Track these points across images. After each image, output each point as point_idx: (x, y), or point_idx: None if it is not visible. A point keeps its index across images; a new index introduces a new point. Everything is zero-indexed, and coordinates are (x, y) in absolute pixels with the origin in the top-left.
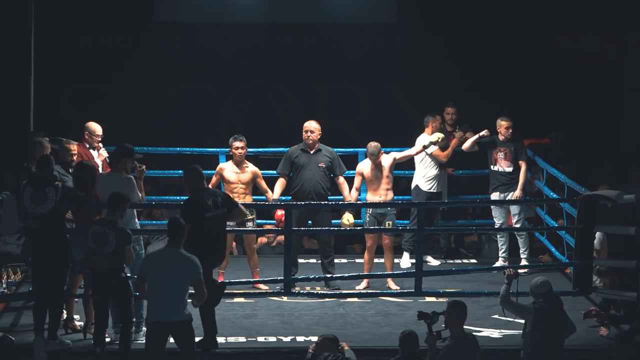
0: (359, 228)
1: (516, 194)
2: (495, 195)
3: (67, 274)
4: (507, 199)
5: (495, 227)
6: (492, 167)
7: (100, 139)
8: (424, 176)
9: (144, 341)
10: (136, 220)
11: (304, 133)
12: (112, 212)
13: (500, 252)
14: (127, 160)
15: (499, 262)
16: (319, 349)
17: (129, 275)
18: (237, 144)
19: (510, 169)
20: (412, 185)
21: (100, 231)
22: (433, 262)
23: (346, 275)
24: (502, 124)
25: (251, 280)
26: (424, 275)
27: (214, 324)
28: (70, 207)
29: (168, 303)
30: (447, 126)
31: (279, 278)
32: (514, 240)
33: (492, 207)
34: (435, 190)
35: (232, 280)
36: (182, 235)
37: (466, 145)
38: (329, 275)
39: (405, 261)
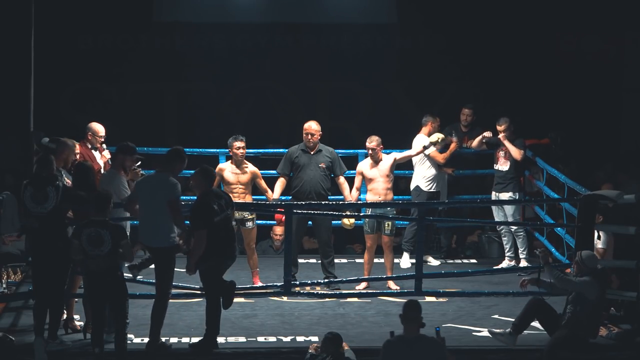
0: (361, 224)
1: (486, 134)
2: (492, 195)
3: (67, 274)
4: (500, 199)
5: (498, 222)
6: (494, 165)
7: (103, 140)
8: (424, 177)
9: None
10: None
11: (304, 135)
12: (100, 211)
13: (506, 252)
14: (125, 158)
15: (505, 262)
16: (322, 349)
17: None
18: (238, 144)
19: (505, 168)
20: (412, 186)
21: (94, 233)
22: (433, 262)
23: (344, 279)
24: (498, 128)
25: (254, 286)
26: (425, 277)
27: (217, 325)
28: (71, 206)
29: (149, 228)
30: (462, 127)
31: (278, 284)
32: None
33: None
34: (435, 190)
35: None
36: (177, 164)
37: (474, 144)
38: (326, 281)
39: (405, 261)
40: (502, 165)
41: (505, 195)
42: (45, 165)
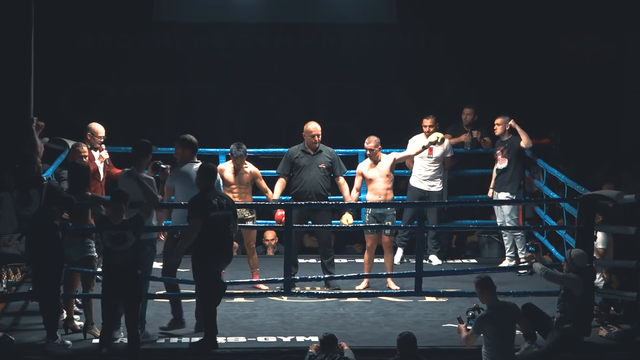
0: (360, 224)
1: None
2: (489, 192)
3: (60, 273)
4: (498, 198)
5: (497, 226)
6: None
7: (102, 140)
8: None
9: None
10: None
11: (310, 137)
12: (118, 213)
13: (506, 252)
14: (149, 156)
15: (506, 262)
16: (321, 349)
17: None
18: (237, 152)
19: (502, 166)
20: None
21: (116, 233)
22: (435, 261)
23: (345, 275)
24: (494, 123)
25: (253, 280)
26: (425, 277)
27: (214, 324)
28: (60, 208)
29: None
30: (464, 127)
31: (279, 279)
32: None
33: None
34: (426, 189)
35: (232, 280)
36: None
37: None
38: (327, 276)
39: (398, 257)
40: (500, 164)
41: (502, 194)
42: (27, 164)
